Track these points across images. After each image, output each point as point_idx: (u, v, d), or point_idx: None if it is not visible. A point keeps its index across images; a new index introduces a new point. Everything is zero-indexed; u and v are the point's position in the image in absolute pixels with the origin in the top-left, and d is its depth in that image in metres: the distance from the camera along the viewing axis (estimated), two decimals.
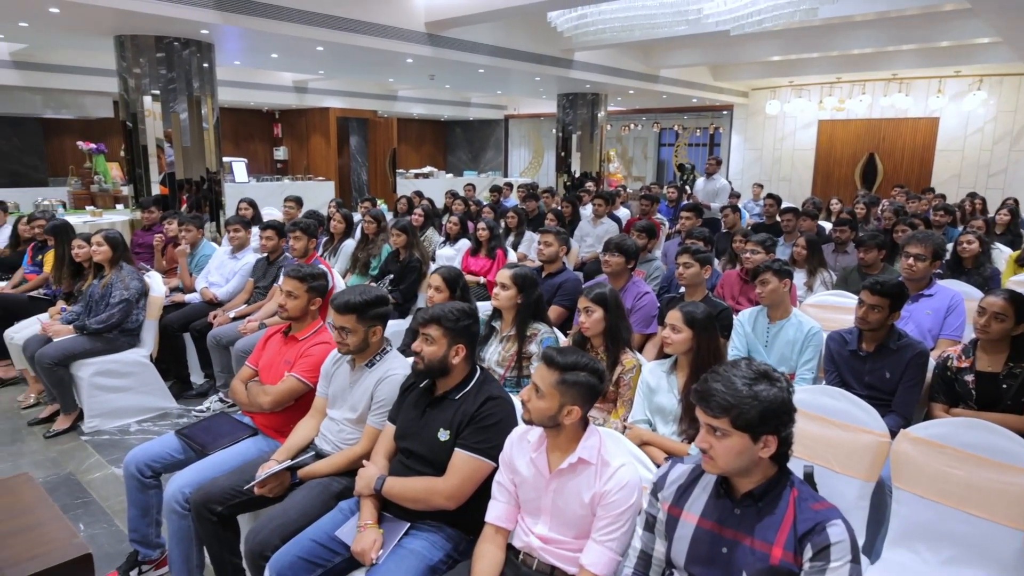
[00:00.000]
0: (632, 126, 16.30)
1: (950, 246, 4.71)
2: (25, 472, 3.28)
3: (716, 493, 1.57)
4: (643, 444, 2.33)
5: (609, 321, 2.73)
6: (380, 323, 2.41)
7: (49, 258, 4.79)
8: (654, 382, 2.55)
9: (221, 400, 4.27)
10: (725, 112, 14.66)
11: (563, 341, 3.21)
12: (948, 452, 2.09)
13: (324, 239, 5.87)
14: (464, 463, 2.00)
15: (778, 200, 6.87)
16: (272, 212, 7.96)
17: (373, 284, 5.03)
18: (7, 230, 5.60)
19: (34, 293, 4.79)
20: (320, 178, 14.01)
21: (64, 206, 9.14)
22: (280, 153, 15.37)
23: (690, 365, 2.47)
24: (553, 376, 1.82)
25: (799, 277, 4.38)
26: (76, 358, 3.92)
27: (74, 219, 7.32)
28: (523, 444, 1.93)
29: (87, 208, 9.29)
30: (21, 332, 4.26)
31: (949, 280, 3.97)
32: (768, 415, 1.43)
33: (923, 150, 12.32)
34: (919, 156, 12.39)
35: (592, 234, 6.83)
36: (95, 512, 3.16)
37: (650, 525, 1.67)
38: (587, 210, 7.78)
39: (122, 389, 4.09)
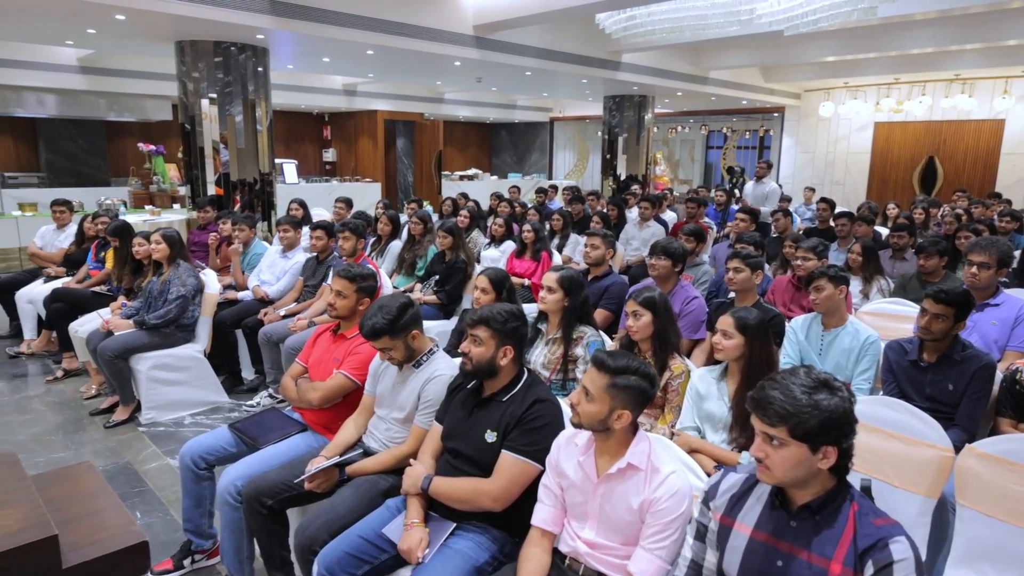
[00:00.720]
0: (679, 128, 16.08)
1: (1017, 253, 4.50)
2: (87, 460, 3.41)
3: (771, 504, 1.52)
4: (692, 451, 2.29)
5: (658, 325, 2.69)
6: (414, 327, 2.40)
7: (111, 255, 4.98)
8: (703, 388, 2.50)
9: (271, 396, 4.37)
10: (776, 114, 14.34)
11: (609, 344, 3.18)
12: (1017, 469, 1.99)
13: (371, 239, 5.95)
14: (511, 465, 1.99)
15: (832, 204, 6.68)
16: (321, 213, 8.11)
17: (419, 285, 5.11)
18: (73, 228, 5.85)
19: (97, 289, 4.99)
20: (367, 179, 14.24)
21: (125, 205, 9.51)
22: (329, 155, 15.68)
23: (741, 372, 2.41)
24: (603, 379, 1.80)
25: (854, 284, 4.25)
26: (135, 352, 4.06)
27: (134, 218, 7.62)
28: (571, 447, 1.91)
29: (146, 207, 9.65)
30: (85, 326, 4.45)
31: (1016, 289, 3.79)
32: (828, 425, 1.39)
33: (987, 153, 11.82)
34: (983, 160, 11.89)
35: (638, 237, 6.77)
36: (151, 501, 3.27)
37: (701, 535, 1.63)
38: (633, 213, 7.71)
39: (177, 383, 4.22)
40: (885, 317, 3.56)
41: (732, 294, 3.66)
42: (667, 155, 16.51)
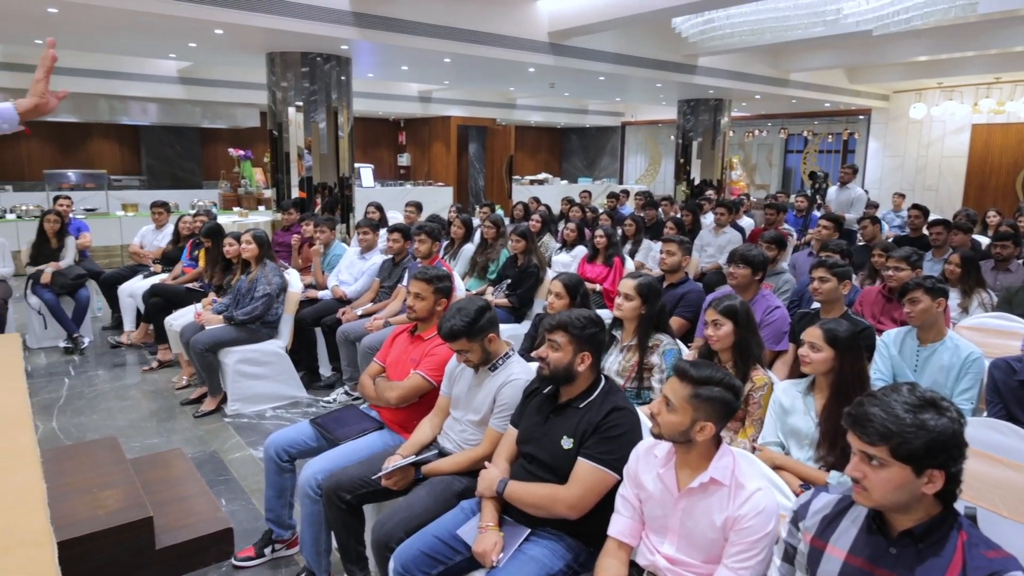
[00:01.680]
0: (757, 132, 15.60)
1: None
2: (178, 447, 3.62)
3: (867, 528, 1.44)
4: (776, 468, 2.20)
5: (739, 335, 2.61)
6: (491, 331, 2.41)
7: (203, 254, 5.26)
8: (788, 403, 2.41)
9: (347, 393, 4.49)
10: (862, 117, 13.71)
11: (686, 353, 3.11)
12: None
13: (445, 243, 6.04)
14: (587, 473, 1.97)
15: (925, 211, 6.32)
16: (395, 216, 8.31)
17: (491, 289, 5.14)
18: (170, 228, 6.21)
19: (190, 285, 5.28)
20: (440, 183, 14.50)
21: (215, 207, 10.02)
22: (404, 159, 16.06)
23: (830, 387, 2.30)
24: (686, 390, 1.76)
25: (952, 297, 3.99)
26: (223, 346, 4.27)
27: (223, 219, 8.00)
28: (650, 458, 1.87)
29: (234, 209, 10.15)
30: (179, 320, 4.71)
31: None
32: (935, 447, 1.30)
33: None
34: None
35: (713, 244, 6.60)
36: (235, 490, 3.41)
37: (789, 556, 1.57)
38: (708, 219, 7.53)
39: (261, 376, 4.40)
40: (988, 333, 3.33)
41: (816, 304, 3.51)
42: (743, 159, 16.04)
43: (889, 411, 1.34)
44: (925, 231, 5.77)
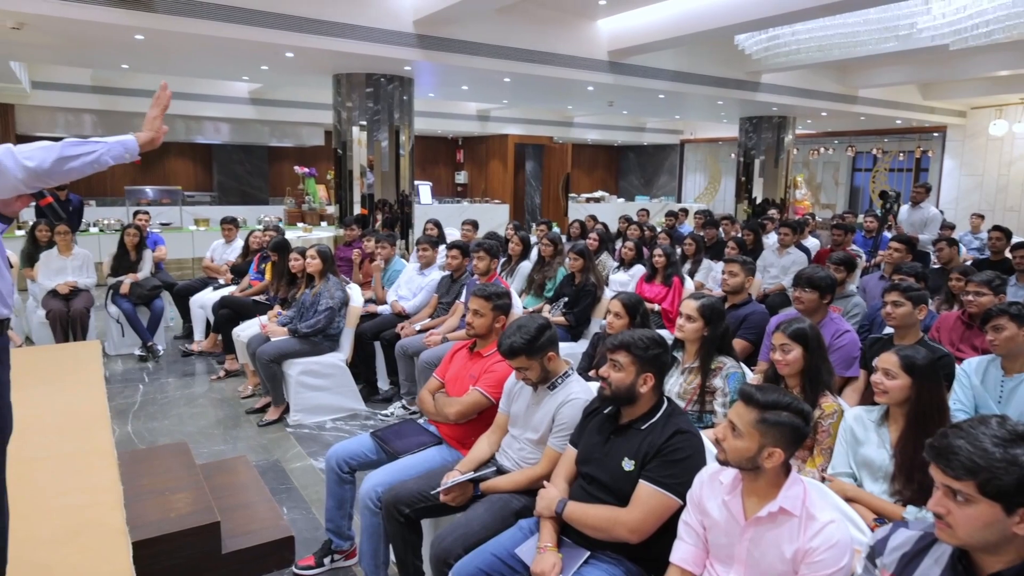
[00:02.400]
0: (822, 150, 15.18)
1: None
2: (243, 455, 3.74)
3: (952, 567, 1.36)
4: (848, 500, 2.11)
5: (808, 361, 2.52)
6: (551, 349, 2.41)
7: (269, 268, 5.45)
8: (861, 432, 2.31)
9: (404, 407, 4.55)
10: (936, 134, 13.17)
11: (750, 377, 3.03)
12: None
13: (502, 260, 6.08)
14: (649, 496, 1.94)
15: (1007, 233, 5.99)
16: (452, 233, 8.43)
17: (548, 306, 5.14)
18: (239, 242, 6.46)
19: (257, 297, 5.47)
20: (496, 201, 14.64)
21: (280, 222, 10.39)
22: (461, 177, 16.30)
23: (906, 417, 2.20)
24: (752, 415, 1.71)
25: None
26: (287, 357, 4.40)
27: (288, 234, 8.28)
28: (715, 485, 1.82)
29: (299, 224, 10.49)
30: (246, 331, 4.88)
31: None
32: None
33: None
34: None
35: (777, 265, 6.41)
36: (296, 499, 3.49)
37: None
38: (771, 239, 7.34)
39: (322, 388, 4.51)
40: None
41: (889, 330, 3.36)
42: (808, 178, 15.62)
43: (976, 444, 1.27)
44: (1008, 254, 5.48)
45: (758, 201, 11.38)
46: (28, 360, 3.91)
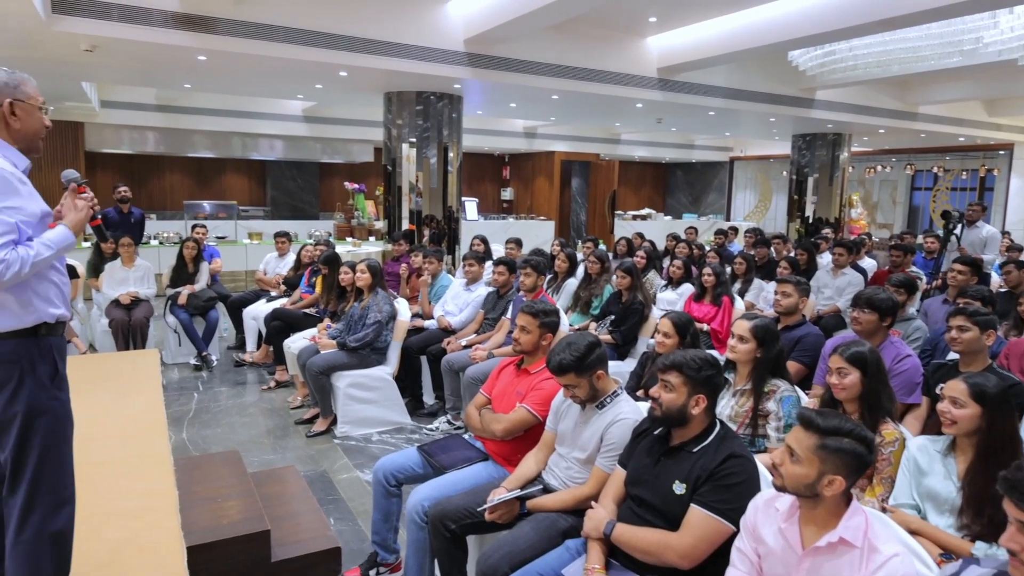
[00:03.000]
0: (879, 168, 14.74)
1: None
2: (292, 465, 3.79)
3: None
4: (912, 533, 2.01)
5: (867, 386, 2.42)
6: (600, 367, 2.39)
7: (320, 281, 5.56)
8: (925, 463, 2.20)
9: (449, 422, 4.56)
10: (1002, 152, 12.65)
11: (805, 401, 2.94)
12: None
13: (548, 276, 6.07)
14: (701, 521, 1.89)
15: None
16: (497, 249, 8.47)
17: (594, 324, 5.10)
18: (291, 256, 6.63)
19: (308, 310, 5.58)
20: (542, 217, 14.66)
21: (331, 236, 10.62)
22: (507, 193, 16.41)
23: (975, 448, 2.09)
24: (811, 440, 1.65)
25: None
26: (336, 369, 4.46)
27: (338, 248, 8.46)
28: (770, 511, 1.76)
29: (348, 239, 10.70)
30: (297, 343, 4.98)
31: None
32: None
33: None
34: None
35: (831, 286, 6.24)
36: (342, 510, 3.52)
37: None
38: (825, 259, 7.15)
39: (368, 401, 4.56)
40: None
41: (954, 356, 3.22)
42: (864, 197, 15.17)
43: None
44: None
45: (811, 220, 11.11)
46: (91, 367, 4.08)
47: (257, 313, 6.08)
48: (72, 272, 5.70)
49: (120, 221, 7.31)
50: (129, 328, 5.59)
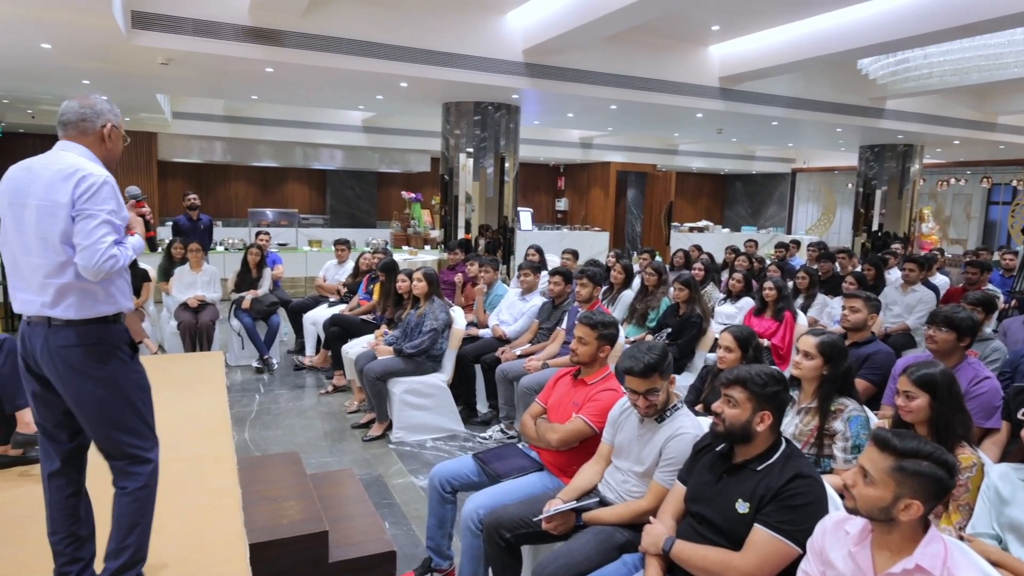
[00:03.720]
0: (952, 181, 14.08)
1: None
2: (349, 468, 3.86)
3: None
4: (993, 564, 1.89)
5: (936, 410, 2.30)
6: (671, 373, 2.39)
7: (377, 288, 5.66)
8: (1007, 491, 2.07)
9: (502, 431, 4.56)
10: None
11: (875, 422, 2.81)
12: None
13: (604, 288, 6.02)
14: (766, 542, 1.82)
15: None
16: (552, 259, 8.46)
17: (650, 336, 5.02)
18: (350, 264, 6.78)
19: (365, 317, 5.69)
20: (596, 228, 14.58)
21: (387, 244, 10.82)
22: (561, 204, 16.40)
23: None
24: (886, 461, 1.57)
25: None
26: (392, 375, 4.53)
27: (395, 257, 8.61)
28: (839, 534, 1.69)
29: (404, 248, 10.88)
30: (354, 348, 5.08)
31: None
32: None
33: None
34: None
35: (900, 303, 5.98)
36: (397, 514, 3.56)
37: None
38: (893, 275, 6.86)
39: (423, 407, 4.60)
40: None
41: None
42: (935, 211, 14.53)
43: None
44: None
45: (879, 234, 10.69)
46: (160, 367, 4.24)
47: (317, 318, 6.23)
48: (144, 276, 5.98)
49: (189, 227, 7.63)
50: (196, 330, 5.80)
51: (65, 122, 1.92)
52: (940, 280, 7.10)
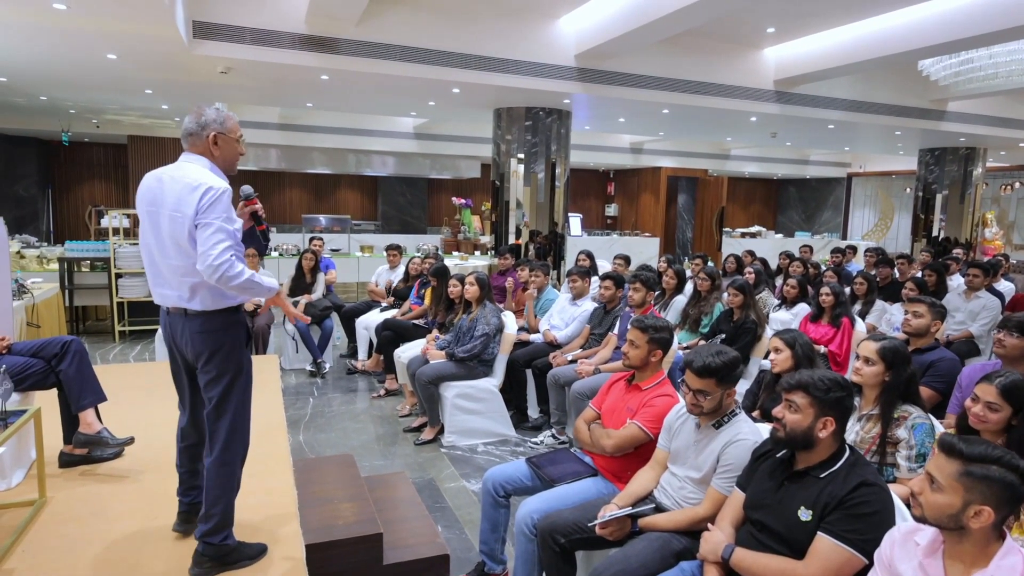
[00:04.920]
0: (1018, 185, 13.46)
1: None
2: (402, 471, 3.92)
3: None
4: None
5: (1021, 423, 2.22)
6: (734, 385, 2.34)
7: (429, 293, 5.74)
8: None
9: (553, 436, 4.57)
10: None
11: (940, 430, 2.72)
12: None
13: (656, 293, 5.96)
14: (830, 551, 1.79)
15: None
16: (603, 265, 8.43)
17: (703, 342, 4.96)
18: (401, 268, 6.90)
19: (417, 321, 5.78)
20: (646, 234, 14.45)
21: (438, 250, 10.97)
22: (611, 209, 16.32)
23: None
24: (953, 467, 1.53)
25: None
26: (444, 380, 4.59)
27: (446, 262, 8.71)
28: (908, 545, 1.64)
29: (454, 253, 11.00)
30: (407, 352, 5.16)
31: None
32: None
33: None
34: None
35: (963, 309, 5.76)
36: (449, 518, 3.60)
37: None
38: (956, 281, 6.61)
39: (475, 412, 4.64)
40: None
41: None
42: (999, 215, 13.89)
43: None
44: None
45: (939, 240, 10.30)
46: None
47: (369, 323, 6.35)
48: None
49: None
50: (252, 334, 5.96)
51: (184, 135, 2.14)
52: (1005, 286, 6.81)
